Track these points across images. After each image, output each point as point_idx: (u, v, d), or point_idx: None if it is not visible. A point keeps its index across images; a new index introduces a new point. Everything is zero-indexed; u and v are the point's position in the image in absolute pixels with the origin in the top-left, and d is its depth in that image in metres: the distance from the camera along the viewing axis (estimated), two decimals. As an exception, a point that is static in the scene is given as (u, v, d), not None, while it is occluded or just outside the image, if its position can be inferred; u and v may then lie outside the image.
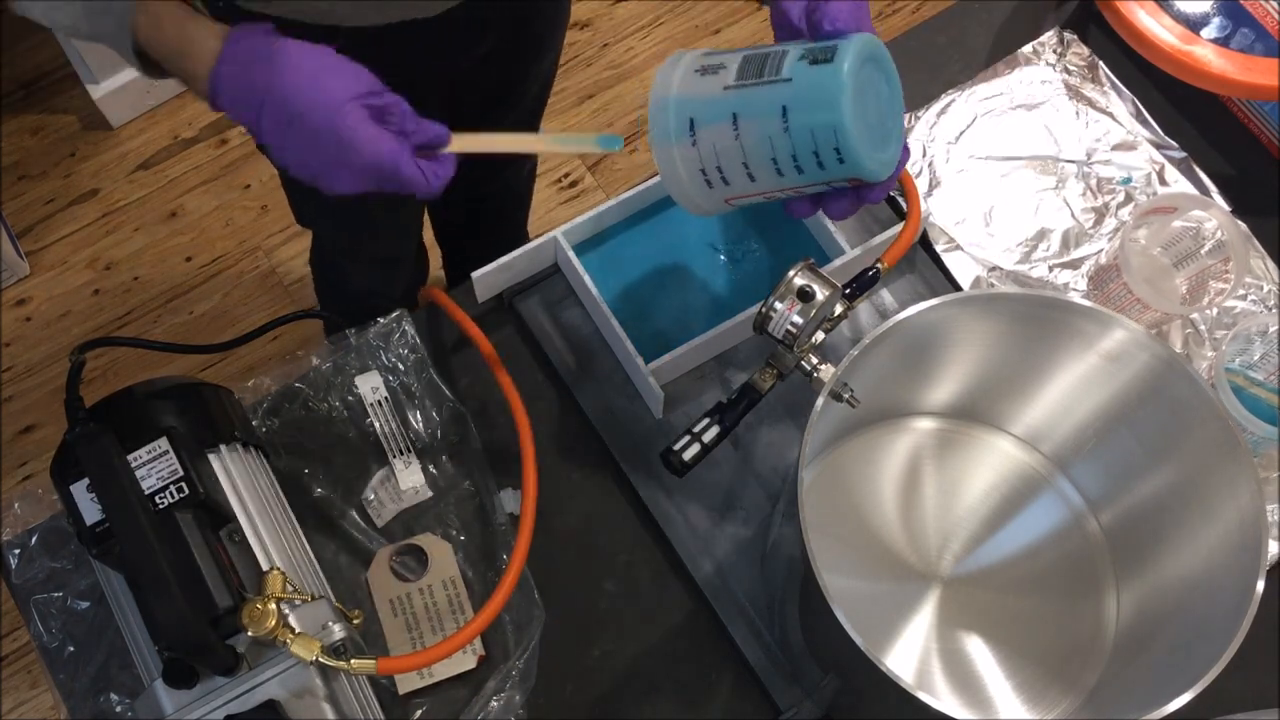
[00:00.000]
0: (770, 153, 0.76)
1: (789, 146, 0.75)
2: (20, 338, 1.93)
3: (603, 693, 0.95)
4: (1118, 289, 1.02)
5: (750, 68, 0.76)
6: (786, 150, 0.75)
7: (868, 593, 0.94)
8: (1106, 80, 1.17)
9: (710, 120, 0.76)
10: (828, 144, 0.74)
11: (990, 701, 0.91)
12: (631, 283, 1.05)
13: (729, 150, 0.77)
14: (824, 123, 0.73)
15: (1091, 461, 0.95)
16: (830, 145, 0.74)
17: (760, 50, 0.77)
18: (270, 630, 0.77)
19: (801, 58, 0.74)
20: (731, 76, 0.76)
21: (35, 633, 0.93)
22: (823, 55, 0.74)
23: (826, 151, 0.74)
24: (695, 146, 0.78)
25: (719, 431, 0.84)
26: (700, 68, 0.78)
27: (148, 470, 0.81)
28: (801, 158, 0.75)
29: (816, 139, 0.74)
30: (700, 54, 0.80)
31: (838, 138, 0.73)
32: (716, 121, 0.76)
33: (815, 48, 0.75)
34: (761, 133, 0.75)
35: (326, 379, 1.01)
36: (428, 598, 0.95)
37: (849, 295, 0.86)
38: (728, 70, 0.76)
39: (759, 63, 0.76)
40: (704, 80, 0.77)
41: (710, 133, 0.77)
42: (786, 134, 0.74)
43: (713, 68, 0.77)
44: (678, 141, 0.78)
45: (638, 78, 2.15)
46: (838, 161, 0.74)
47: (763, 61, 0.76)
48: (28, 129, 2.07)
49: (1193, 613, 0.83)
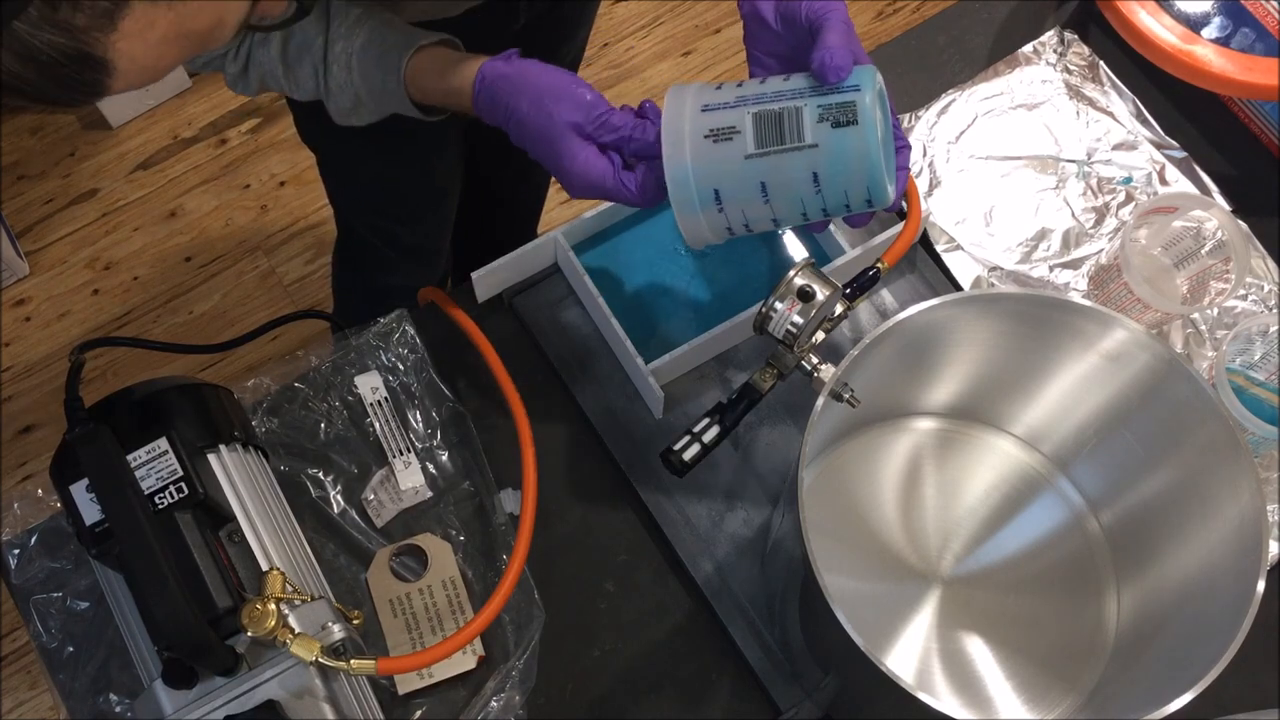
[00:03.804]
0: (801, 209, 0.78)
1: (820, 203, 0.77)
2: (20, 338, 1.93)
3: (603, 693, 0.95)
4: (1118, 289, 1.02)
5: (768, 133, 0.75)
6: (817, 205, 0.77)
7: (868, 593, 0.94)
8: (1107, 80, 1.17)
9: (738, 192, 0.77)
10: (860, 195, 0.76)
11: (990, 701, 0.91)
12: (631, 283, 1.04)
13: (757, 210, 0.78)
14: (856, 183, 0.75)
15: (1092, 461, 0.95)
16: (862, 197, 0.76)
17: (768, 105, 0.75)
18: (270, 630, 0.77)
19: (821, 119, 0.74)
20: (750, 144, 0.75)
21: (35, 633, 0.93)
22: (844, 116, 0.74)
23: (858, 200, 0.76)
24: (723, 213, 0.78)
25: (719, 431, 0.84)
26: (710, 131, 0.76)
27: (147, 470, 0.81)
28: (831, 207, 0.77)
29: (849, 195, 0.76)
30: (699, 106, 0.77)
31: (870, 191, 0.75)
32: (744, 192, 0.77)
33: (831, 105, 0.74)
34: (793, 196, 0.76)
35: (326, 379, 1.01)
36: (427, 598, 0.95)
37: (849, 295, 0.86)
38: (743, 136, 0.75)
39: (775, 125, 0.75)
40: (720, 149, 0.76)
41: (738, 202, 0.78)
42: (819, 195, 0.76)
43: (725, 132, 0.76)
44: (704, 210, 0.78)
45: (638, 77, 2.15)
46: (867, 204, 0.77)
47: (779, 123, 0.75)
48: (27, 129, 2.07)
49: (1193, 613, 0.83)
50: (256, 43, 0.86)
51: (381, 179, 1.23)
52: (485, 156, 1.37)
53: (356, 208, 1.37)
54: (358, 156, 1.20)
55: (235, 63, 0.87)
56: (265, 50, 0.86)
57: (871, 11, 2.21)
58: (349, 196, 1.35)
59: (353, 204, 1.36)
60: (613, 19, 2.19)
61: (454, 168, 1.29)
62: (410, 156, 1.08)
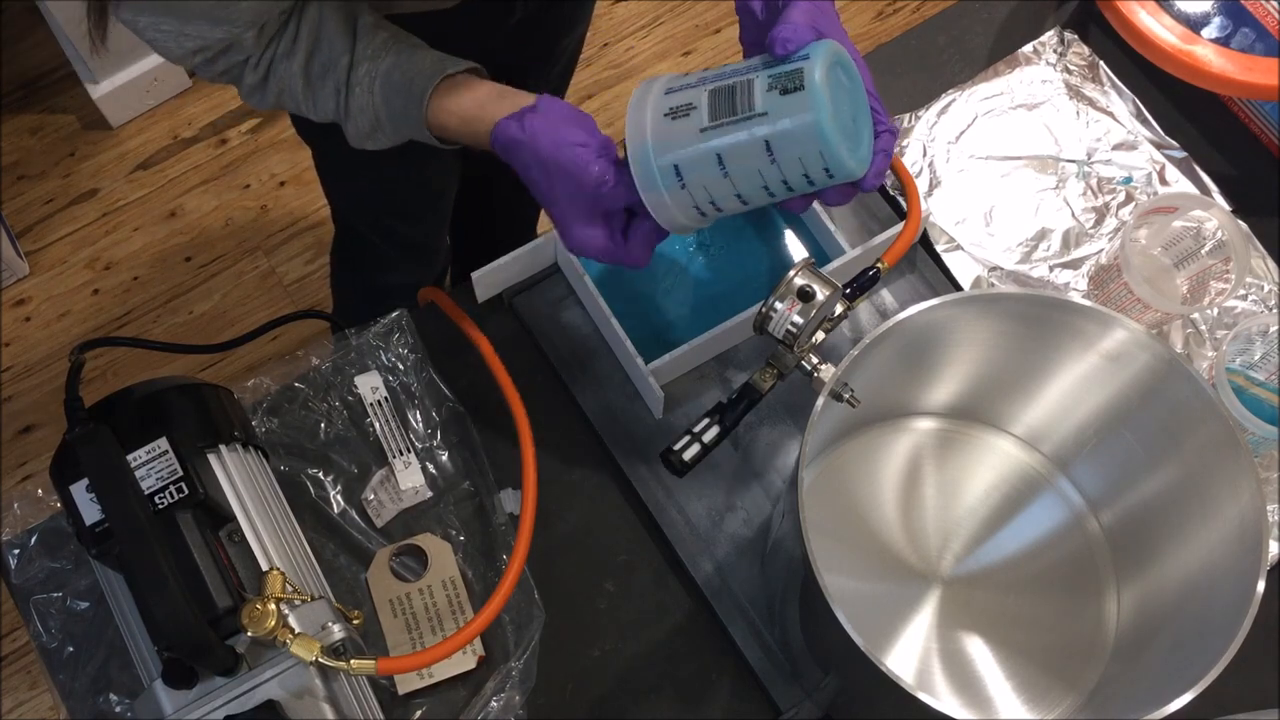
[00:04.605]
0: (761, 182, 0.77)
1: (778, 174, 0.76)
2: (20, 338, 1.93)
3: (603, 693, 0.95)
4: (1118, 289, 1.02)
5: (721, 105, 0.76)
6: (776, 177, 0.77)
7: (868, 593, 0.94)
8: (1107, 80, 1.17)
9: (695, 166, 0.77)
10: (816, 165, 0.75)
11: (990, 701, 0.91)
12: (631, 283, 1.04)
13: (719, 186, 0.78)
14: (809, 149, 0.75)
15: (1092, 461, 0.95)
16: (819, 166, 0.75)
17: (725, 80, 0.77)
18: (270, 630, 0.77)
19: (770, 88, 0.75)
20: (704, 118, 0.76)
21: (35, 633, 0.93)
22: (790, 83, 0.74)
23: (815, 171, 0.76)
24: (685, 190, 0.79)
25: (719, 431, 0.84)
26: (669, 110, 0.77)
27: (147, 470, 0.81)
28: (792, 180, 0.77)
29: (805, 164, 0.75)
30: (663, 89, 0.79)
31: (824, 159, 0.75)
32: (701, 166, 0.77)
33: (780, 73, 0.75)
34: (749, 168, 0.77)
35: (326, 379, 1.01)
36: (427, 598, 0.95)
37: (849, 295, 0.86)
38: (699, 111, 0.76)
39: (728, 97, 0.76)
40: (677, 125, 0.77)
41: (698, 176, 0.78)
42: (774, 164, 0.76)
43: (682, 109, 0.77)
44: (667, 188, 0.79)
45: (638, 77, 2.15)
46: (826, 175, 0.76)
47: (731, 95, 0.76)
48: (27, 129, 2.07)
49: (1193, 613, 0.83)
50: (280, 55, 0.86)
51: (380, 176, 1.23)
52: (484, 156, 1.37)
53: (354, 204, 1.37)
54: (356, 153, 1.20)
55: (255, 72, 0.87)
56: (288, 64, 0.86)
57: (871, 11, 2.21)
58: (347, 193, 1.35)
59: (351, 201, 1.36)
60: (613, 19, 2.19)
61: (452, 166, 1.29)
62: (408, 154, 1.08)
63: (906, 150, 1.12)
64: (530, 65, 1.27)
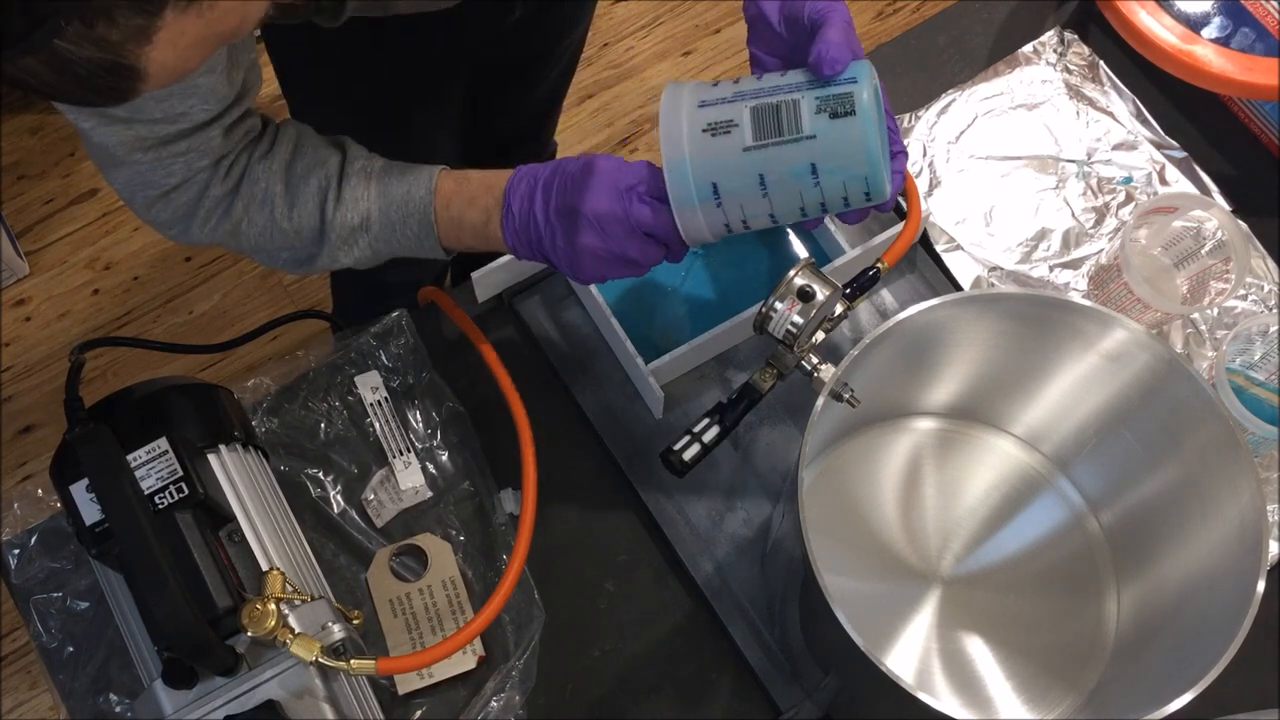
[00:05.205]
0: (799, 203, 0.78)
1: (818, 196, 0.77)
2: (20, 338, 1.93)
3: (603, 693, 0.94)
4: (1118, 289, 1.02)
5: (766, 125, 0.75)
6: (815, 199, 0.77)
7: (868, 593, 0.94)
8: (1107, 80, 1.17)
9: (736, 185, 0.77)
10: (858, 188, 0.76)
11: (990, 701, 0.91)
12: (631, 283, 1.04)
13: (756, 205, 0.78)
14: (854, 174, 0.75)
15: (1092, 461, 0.95)
16: (860, 190, 0.76)
17: (766, 99, 0.76)
18: (270, 630, 0.77)
19: (819, 110, 0.74)
20: (748, 136, 0.76)
21: (35, 633, 0.93)
22: (841, 107, 0.74)
23: (855, 193, 0.76)
24: (720, 208, 0.78)
25: (719, 431, 0.84)
26: (708, 125, 0.77)
27: (147, 470, 0.81)
28: (830, 202, 0.77)
29: (847, 187, 0.76)
30: (696, 102, 0.78)
31: (868, 183, 0.75)
32: (742, 186, 0.77)
33: (829, 96, 0.74)
34: (791, 189, 0.76)
35: (326, 379, 1.01)
36: (427, 598, 0.95)
37: (849, 295, 0.86)
38: (741, 129, 0.76)
39: (773, 117, 0.75)
40: (718, 141, 0.76)
41: (736, 196, 0.77)
42: (817, 187, 0.76)
43: (722, 125, 0.76)
44: (702, 205, 0.78)
45: (638, 77, 2.15)
46: (865, 198, 0.77)
47: (777, 115, 0.75)
48: (27, 129, 2.07)
49: (1193, 613, 0.83)
50: (257, 157, 0.85)
51: None
52: (484, 156, 1.37)
53: None
54: None
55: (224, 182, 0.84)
56: (266, 164, 0.85)
57: (871, 11, 2.21)
58: None
59: None
60: (613, 19, 2.19)
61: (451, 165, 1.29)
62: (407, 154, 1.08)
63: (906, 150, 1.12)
64: (530, 65, 1.27)
